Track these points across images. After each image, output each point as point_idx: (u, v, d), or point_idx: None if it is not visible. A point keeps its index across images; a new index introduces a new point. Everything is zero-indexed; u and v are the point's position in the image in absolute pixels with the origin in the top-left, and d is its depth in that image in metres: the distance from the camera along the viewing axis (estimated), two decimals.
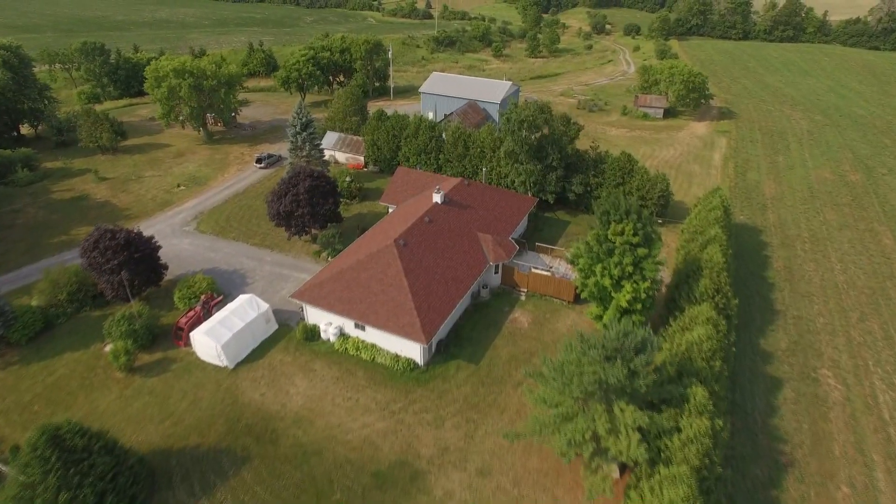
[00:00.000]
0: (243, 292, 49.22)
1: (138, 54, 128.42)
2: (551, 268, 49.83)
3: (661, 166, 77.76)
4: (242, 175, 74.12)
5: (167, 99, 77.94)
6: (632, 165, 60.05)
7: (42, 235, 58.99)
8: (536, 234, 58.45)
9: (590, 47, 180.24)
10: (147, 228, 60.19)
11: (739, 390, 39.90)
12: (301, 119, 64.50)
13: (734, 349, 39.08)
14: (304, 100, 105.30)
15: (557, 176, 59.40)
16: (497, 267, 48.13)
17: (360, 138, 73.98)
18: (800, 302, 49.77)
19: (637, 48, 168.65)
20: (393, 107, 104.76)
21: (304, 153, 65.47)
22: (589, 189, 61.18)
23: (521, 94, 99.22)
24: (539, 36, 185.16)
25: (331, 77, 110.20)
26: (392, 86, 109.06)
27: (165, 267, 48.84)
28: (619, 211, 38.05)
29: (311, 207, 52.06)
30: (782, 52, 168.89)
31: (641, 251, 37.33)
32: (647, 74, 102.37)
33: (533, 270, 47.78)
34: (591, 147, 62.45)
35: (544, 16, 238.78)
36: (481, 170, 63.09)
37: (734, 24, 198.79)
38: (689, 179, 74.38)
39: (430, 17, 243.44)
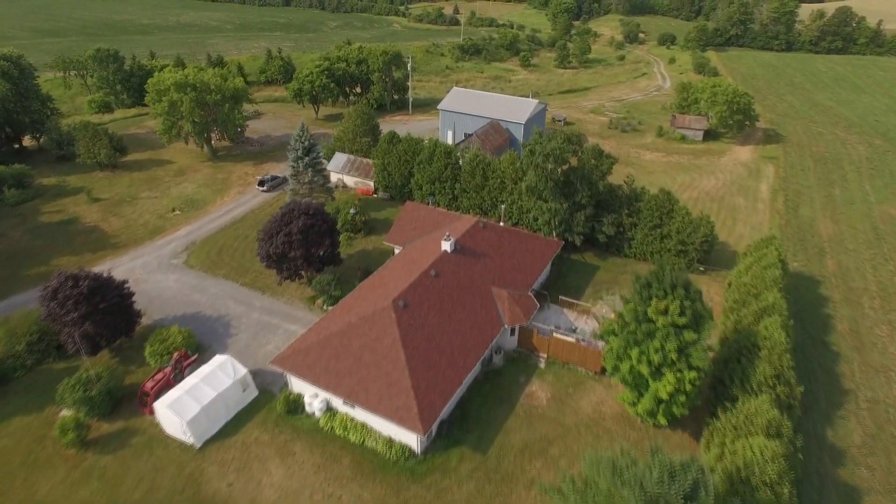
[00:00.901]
0: (225, 345, 43.82)
1: (153, 61, 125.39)
2: (576, 329, 42.99)
3: (701, 199, 70.01)
4: (243, 198, 68.90)
5: (168, 114, 73.36)
6: (671, 205, 52.78)
7: (21, 265, 54.51)
8: (560, 280, 51.57)
9: (622, 58, 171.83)
10: (133, 260, 55.55)
11: (806, 502, 32.48)
12: (303, 142, 58.93)
13: (801, 456, 31.71)
14: (317, 113, 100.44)
15: (586, 215, 52.46)
16: (514, 328, 41.49)
17: (371, 162, 68.12)
18: (874, 379, 41.87)
19: (673, 60, 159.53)
20: (412, 122, 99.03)
21: (307, 180, 59.88)
22: (622, 230, 54.14)
23: (548, 111, 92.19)
24: (569, 44, 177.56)
25: (347, 89, 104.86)
26: (411, 99, 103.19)
27: (139, 315, 43.45)
28: (663, 284, 31.10)
29: (306, 249, 46.25)
30: (831, 65, 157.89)
31: (689, 335, 30.29)
32: (685, 92, 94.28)
33: (555, 335, 41.00)
34: (625, 181, 55.32)
35: (575, 23, 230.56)
36: (500, 205, 56.56)
37: (777, 34, 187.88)
38: (734, 215, 66.44)
39: (457, 23, 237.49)
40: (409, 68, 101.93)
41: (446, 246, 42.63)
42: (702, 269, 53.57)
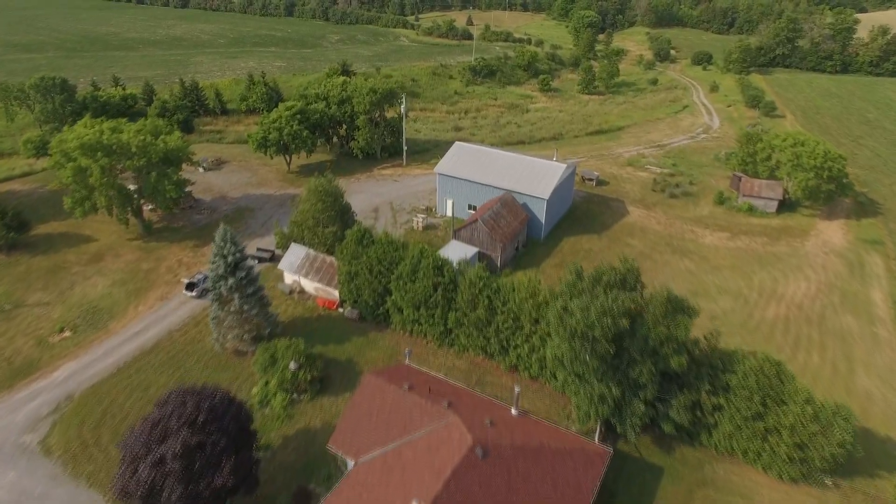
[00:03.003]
0: None
1: (114, 89, 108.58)
2: None
3: (793, 319, 50.27)
4: (164, 308, 50.65)
5: (77, 184, 55.53)
6: (782, 384, 33.51)
7: None
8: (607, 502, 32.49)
9: (654, 81, 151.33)
10: None
11: None
12: (226, 257, 40.40)
13: None
14: (290, 165, 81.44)
15: (646, 399, 33.34)
16: None
17: (336, 262, 49.54)
18: None
19: (715, 87, 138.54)
20: (405, 177, 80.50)
21: (233, 309, 41.44)
22: (699, 415, 34.95)
23: (577, 169, 72.83)
24: (593, 63, 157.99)
25: (329, 132, 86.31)
26: (406, 147, 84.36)
27: None
28: None
29: (191, 484, 27.75)
30: None
31: None
32: (750, 145, 74.10)
33: None
34: (706, 337, 35.99)
35: (599, 37, 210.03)
36: (514, 387, 37.74)
37: (831, 53, 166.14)
38: (847, 352, 46.54)
39: (470, 36, 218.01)
40: (402, 110, 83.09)
41: None
42: (829, 482, 34.32)
